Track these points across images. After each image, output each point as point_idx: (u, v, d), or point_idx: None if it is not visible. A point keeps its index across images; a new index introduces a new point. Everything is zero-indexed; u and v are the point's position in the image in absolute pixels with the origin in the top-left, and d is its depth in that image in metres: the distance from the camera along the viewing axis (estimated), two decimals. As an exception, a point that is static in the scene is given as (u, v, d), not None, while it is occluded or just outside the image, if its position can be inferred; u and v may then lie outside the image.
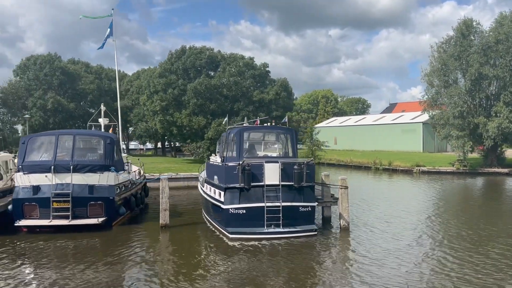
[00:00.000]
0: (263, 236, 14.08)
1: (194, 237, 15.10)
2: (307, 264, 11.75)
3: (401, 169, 42.62)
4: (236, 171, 14.28)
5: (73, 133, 17.04)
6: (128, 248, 13.45)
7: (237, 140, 15.31)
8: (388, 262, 11.78)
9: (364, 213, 19.16)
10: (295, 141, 15.69)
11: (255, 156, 15.73)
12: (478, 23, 39.60)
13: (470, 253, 12.50)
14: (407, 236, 14.69)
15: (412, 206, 21.24)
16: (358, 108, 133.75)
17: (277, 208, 14.27)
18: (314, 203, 14.94)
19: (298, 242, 13.87)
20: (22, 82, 52.75)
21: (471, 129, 38.23)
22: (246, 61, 39.00)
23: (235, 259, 12.13)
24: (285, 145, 16.13)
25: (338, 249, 13.64)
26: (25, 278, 10.72)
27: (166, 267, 11.58)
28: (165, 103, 36.39)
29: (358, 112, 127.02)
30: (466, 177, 36.22)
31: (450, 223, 16.89)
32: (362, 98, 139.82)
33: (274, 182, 14.42)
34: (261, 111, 36.82)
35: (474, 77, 36.77)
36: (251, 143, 16.46)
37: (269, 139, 17.28)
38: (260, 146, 16.65)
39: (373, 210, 20.01)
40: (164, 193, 16.03)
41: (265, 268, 11.37)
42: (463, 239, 14.34)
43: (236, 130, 15.67)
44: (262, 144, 16.94)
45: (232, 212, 14.34)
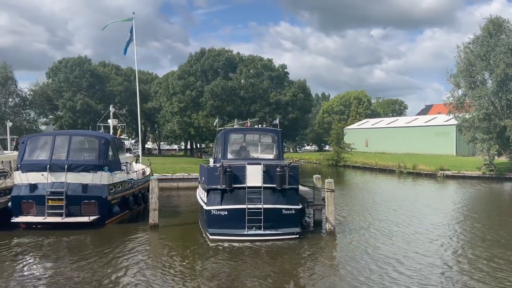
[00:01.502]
0: (244, 238, 14.05)
1: (178, 238, 15.21)
2: (285, 268, 11.59)
3: (425, 173, 41.41)
4: (217, 172, 14.34)
5: (69, 134, 17.65)
6: (110, 247, 13.69)
7: (221, 142, 15.38)
8: (368, 268, 11.52)
9: (360, 217, 18.79)
10: (281, 143, 15.57)
11: (242, 157, 15.73)
12: (507, 22, 37.94)
13: (471, 267, 12.02)
14: (398, 244, 14.22)
15: (419, 212, 20.58)
16: (395, 109, 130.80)
17: (259, 210, 14.19)
18: (297, 206, 14.75)
19: (279, 245, 13.75)
20: (53, 84, 54.99)
21: (498, 132, 36.63)
22: (264, 63, 38.96)
23: (213, 261, 12.13)
24: (270, 146, 16.05)
25: (320, 253, 13.38)
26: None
27: (141, 266, 11.69)
28: (183, 104, 36.94)
29: (395, 113, 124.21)
30: (491, 182, 34.76)
31: (457, 231, 16.30)
32: (399, 100, 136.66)
33: (256, 184, 14.36)
34: (278, 112, 36.72)
35: (500, 78, 35.24)
36: (238, 144, 16.48)
37: (255, 141, 17.21)
38: (246, 148, 16.61)
39: (371, 215, 19.56)
40: (154, 193, 16.26)
41: (243, 270, 11.32)
42: (463, 250, 13.81)
43: (222, 131, 15.75)
44: (248, 145, 16.88)
45: (214, 213, 14.38)
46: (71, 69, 54.76)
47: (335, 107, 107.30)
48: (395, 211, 20.66)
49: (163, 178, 30.15)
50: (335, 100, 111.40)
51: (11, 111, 40.26)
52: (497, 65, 35.49)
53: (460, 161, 49.18)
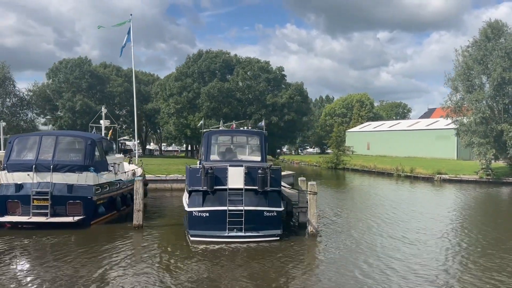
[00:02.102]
0: (225, 240, 14.06)
1: (161, 239, 15.20)
2: (265, 270, 11.58)
3: (422, 177, 41.30)
4: (199, 174, 14.38)
5: (55, 134, 17.76)
6: (92, 248, 13.69)
7: (204, 143, 15.43)
8: (347, 271, 11.49)
9: (347, 220, 18.76)
10: (264, 145, 15.56)
11: (225, 159, 15.75)
12: (506, 26, 37.80)
13: (446, 273, 11.97)
14: (380, 248, 14.18)
15: (409, 215, 20.53)
16: (398, 112, 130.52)
17: (240, 212, 14.20)
18: (279, 208, 14.74)
19: (260, 247, 13.75)
20: (53, 84, 55.30)
21: (495, 136, 36.46)
22: (261, 65, 38.99)
23: (193, 262, 12.11)
24: (254, 148, 16.07)
25: (299, 255, 13.30)
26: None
27: (120, 267, 11.70)
28: (180, 106, 37.05)
29: (398, 117, 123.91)
30: (488, 187, 34.59)
31: (442, 235, 16.23)
32: (402, 103, 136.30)
33: (237, 186, 14.39)
34: (274, 114, 36.71)
35: (496, 82, 35.10)
36: (221, 146, 16.51)
37: (239, 143, 17.22)
38: (229, 149, 16.63)
39: (359, 218, 19.53)
40: (138, 194, 16.31)
41: (223, 272, 11.29)
42: (440, 254, 13.75)
43: (205, 133, 15.80)
44: (231, 147, 16.90)
45: (196, 214, 14.40)
46: (71, 69, 55.07)
47: (338, 110, 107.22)
48: (385, 215, 20.59)
49: (156, 179, 30.28)
50: (337, 102, 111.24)
51: (8, 111, 40.54)
52: (494, 69, 35.37)
53: (460, 165, 49.03)
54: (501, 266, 12.01)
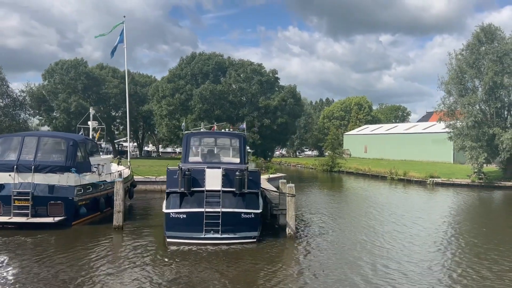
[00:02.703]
0: (201, 241, 14.08)
1: (139, 240, 15.16)
2: (240, 272, 11.59)
3: (415, 180, 41.32)
4: (176, 175, 14.41)
5: (38, 135, 17.83)
6: (70, 248, 13.76)
7: (184, 145, 15.48)
8: (322, 273, 11.52)
9: (330, 222, 18.78)
10: (243, 147, 15.60)
11: (205, 161, 15.79)
12: (498, 29, 37.80)
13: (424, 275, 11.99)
14: (355, 251, 14.18)
15: (393, 218, 20.54)
16: (398, 116, 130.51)
17: (217, 214, 14.23)
18: (257, 210, 14.76)
19: (236, 249, 13.77)
20: (48, 85, 55.50)
21: (487, 140, 36.43)
22: (254, 67, 39.07)
23: (169, 264, 12.13)
24: (233, 150, 16.11)
25: (276, 258, 13.31)
26: None
27: (96, 268, 11.71)
28: (172, 107, 37.14)
29: (398, 120, 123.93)
30: (480, 190, 34.62)
31: (420, 238, 16.25)
32: (402, 106, 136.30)
33: (215, 188, 14.42)
34: (266, 117, 36.75)
35: (488, 86, 35.12)
36: (200, 148, 16.55)
37: (218, 144, 17.26)
38: (208, 151, 16.67)
39: (343, 220, 19.57)
40: (118, 195, 16.36)
41: (199, 274, 11.29)
42: (414, 256, 13.76)
43: (185, 135, 15.85)
44: (211, 149, 16.93)
45: (173, 216, 14.43)
46: (66, 71, 55.24)
47: (336, 113, 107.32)
48: (370, 217, 20.63)
49: (146, 180, 30.34)
50: (335, 105, 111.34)
51: (1, 111, 40.65)
52: (486, 73, 35.40)
53: (454, 169, 49.10)
54: (479, 272, 12.03)
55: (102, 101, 59.37)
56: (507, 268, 12.23)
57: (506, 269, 12.19)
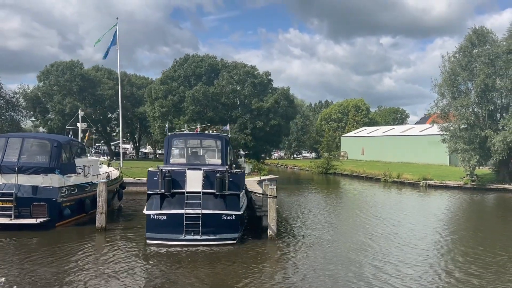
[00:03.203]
0: (181, 243, 14.11)
1: (121, 242, 15.18)
2: (218, 273, 11.61)
3: (408, 182, 41.38)
4: (157, 177, 14.45)
5: (22, 136, 17.88)
6: (51, 249, 13.75)
7: (165, 147, 15.53)
8: (297, 276, 11.54)
9: (315, 224, 18.81)
10: (225, 149, 15.61)
11: (186, 162, 15.82)
12: (490, 32, 37.90)
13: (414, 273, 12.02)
14: (333, 252, 14.23)
15: (378, 221, 20.57)
16: (396, 118, 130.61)
17: (197, 216, 14.26)
18: (238, 212, 14.79)
19: (216, 251, 13.79)
20: (44, 87, 55.65)
21: (479, 142, 36.47)
22: (247, 70, 39.18)
23: (148, 266, 12.16)
24: (214, 152, 16.15)
25: (255, 259, 13.31)
26: None
27: (75, 270, 11.71)
28: (165, 109, 37.23)
29: (396, 122, 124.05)
30: (472, 193, 34.63)
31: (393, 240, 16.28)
32: (400, 108, 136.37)
33: (196, 189, 14.46)
34: (259, 119, 36.81)
35: (480, 89, 35.20)
36: (183, 149, 16.57)
37: (199, 146, 17.29)
38: (190, 153, 16.71)
39: (329, 222, 19.61)
40: (101, 196, 16.39)
41: (178, 275, 11.31)
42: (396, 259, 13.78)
43: (166, 137, 15.89)
44: (192, 151, 16.96)
45: (153, 217, 14.47)
46: (62, 72, 55.36)
47: (333, 115, 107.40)
48: (356, 219, 20.69)
49: (136, 182, 30.34)
50: (333, 107, 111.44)
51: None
52: (478, 75, 35.49)
53: (449, 171, 49.09)
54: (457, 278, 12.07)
55: (97, 102, 59.48)
56: (484, 271, 12.27)
57: (484, 271, 12.23)
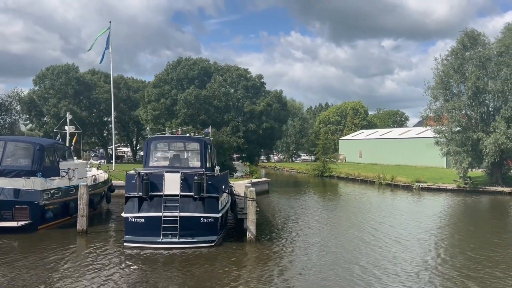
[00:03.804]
0: (159, 246, 14.14)
1: (101, 245, 15.14)
2: (195, 276, 11.63)
3: (402, 185, 41.39)
4: (134, 180, 14.50)
5: (4, 139, 17.95)
6: (30, 252, 13.83)
7: (144, 150, 15.59)
8: (275, 279, 11.59)
9: (297, 227, 18.86)
10: (204, 151, 15.63)
11: (166, 165, 15.88)
12: (482, 35, 37.91)
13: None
14: (311, 255, 14.26)
15: (363, 224, 20.61)
16: (396, 121, 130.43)
17: (175, 219, 14.31)
18: (217, 214, 14.83)
19: (194, 253, 13.82)
20: (39, 90, 55.88)
21: (472, 144, 36.41)
22: (240, 72, 39.32)
23: (126, 269, 12.21)
24: (194, 155, 16.20)
25: (232, 262, 13.30)
26: None
27: (51, 272, 11.78)
28: (157, 112, 37.40)
29: (396, 125, 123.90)
30: (465, 195, 34.63)
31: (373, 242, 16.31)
32: (400, 111, 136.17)
33: (174, 192, 14.51)
34: (251, 122, 36.90)
35: (471, 91, 35.22)
36: (161, 152, 16.61)
37: (178, 149, 17.33)
38: (170, 156, 16.76)
39: (312, 224, 19.66)
40: (83, 199, 16.44)
41: (155, 278, 11.36)
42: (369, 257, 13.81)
43: (146, 140, 15.95)
44: (171, 154, 17.00)
45: (131, 220, 14.52)
46: (57, 76, 55.58)
47: (332, 118, 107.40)
48: (343, 223, 20.75)
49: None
50: (331, 110, 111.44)
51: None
52: (469, 78, 35.52)
53: (444, 173, 49.05)
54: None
55: (93, 106, 59.71)
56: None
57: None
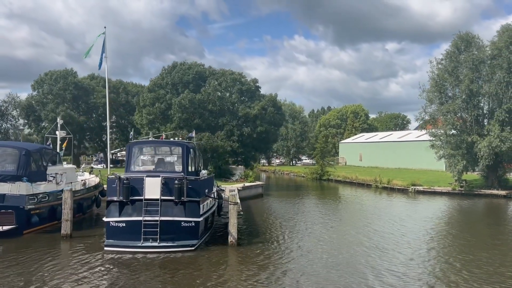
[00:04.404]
0: (139, 250, 14.21)
1: (83, 248, 15.24)
2: (175, 280, 11.69)
3: (398, 188, 41.37)
4: (115, 184, 14.59)
5: (-10, 145, 18.12)
6: (13, 256, 13.93)
7: (126, 155, 15.68)
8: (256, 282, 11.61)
9: (281, 231, 18.89)
10: (186, 156, 15.66)
11: (147, 169, 15.97)
12: (477, 37, 37.90)
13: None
14: (292, 259, 14.32)
15: (348, 228, 20.64)
16: (398, 124, 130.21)
17: (155, 223, 14.38)
18: (198, 219, 14.88)
19: (174, 257, 13.87)
20: (37, 96, 56.31)
21: (466, 147, 36.36)
22: (234, 77, 39.49)
23: (106, 273, 12.28)
24: (175, 159, 16.29)
25: (211, 266, 13.37)
26: None
27: (31, 276, 11.84)
28: (152, 116, 37.59)
29: (398, 128, 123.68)
30: (459, 198, 34.56)
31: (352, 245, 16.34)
32: (401, 114, 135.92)
33: (154, 197, 14.59)
34: (246, 126, 37.03)
35: (465, 94, 35.20)
36: (144, 157, 16.72)
37: (160, 153, 17.43)
38: (152, 160, 16.88)
39: (297, 229, 19.70)
40: (67, 204, 16.55)
41: (135, 282, 11.41)
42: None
43: (127, 144, 16.05)
44: (153, 158, 17.12)
45: (113, 225, 14.61)
46: (55, 81, 55.99)
47: (332, 121, 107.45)
48: (328, 227, 20.73)
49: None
50: (332, 113, 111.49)
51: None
52: (462, 80, 35.53)
53: (442, 176, 48.91)
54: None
55: (91, 110, 60.06)
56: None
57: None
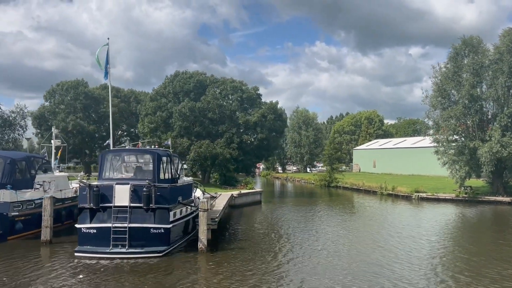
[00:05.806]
0: (107, 256, 14.54)
1: (59, 254, 15.61)
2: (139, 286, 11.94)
3: (402, 195, 40.90)
4: (85, 192, 15.01)
5: (-24, 154, 18.80)
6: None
7: (99, 163, 16.10)
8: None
9: (250, 237, 19.01)
10: (157, 164, 15.92)
11: (118, 177, 16.32)
12: (481, 42, 37.27)
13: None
14: (258, 264, 14.44)
15: (332, 235, 20.60)
16: (416, 130, 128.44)
17: (124, 229, 14.72)
18: (167, 225, 15.17)
19: (143, 264, 14.14)
20: (49, 106, 57.94)
21: (469, 153, 35.72)
22: (235, 85, 39.90)
23: (74, 279, 12.58)
24: (147, 167, 16.61)
25: (180, 272, 13.51)
26: None
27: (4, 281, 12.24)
28: (154, 125, 38.28)
29: (416, 134, 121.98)
30: (463, 206, 33.95)
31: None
32: (420, 119, 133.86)
33: (123, 204, 14.94)
34: (246, 133, 37.36)
35: (466, 99, 34.67)
36: (115, 165, 17.04)
37: (132, 161, 17.77)
38: (122, 168, 17.24)
39: (276, 234, 19.77)
40: (46, 211, 17.04)
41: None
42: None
43: (100, 153, 16.48)
44: (125, 166, 17.48)
45: (84, 231, 15.01)
46: (66, 91, 57.57)
47: (346, 127, 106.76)
48: (313, 235, 20.73)
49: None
50: (346, 120, 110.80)
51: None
52: (463, 85, 35.03)
53: (448, 183, 48.05)
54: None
55: (101, 120, 61.36)
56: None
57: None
